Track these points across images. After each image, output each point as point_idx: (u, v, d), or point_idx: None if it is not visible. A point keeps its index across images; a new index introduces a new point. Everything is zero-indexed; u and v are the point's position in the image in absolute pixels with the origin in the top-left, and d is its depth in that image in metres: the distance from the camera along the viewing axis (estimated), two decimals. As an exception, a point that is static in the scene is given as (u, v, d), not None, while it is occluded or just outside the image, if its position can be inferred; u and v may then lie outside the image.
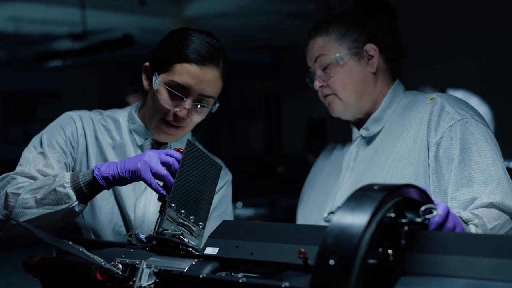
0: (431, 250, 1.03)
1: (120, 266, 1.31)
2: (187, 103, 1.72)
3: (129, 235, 1.49)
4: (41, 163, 1.69)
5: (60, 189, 1.55)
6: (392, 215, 0.99)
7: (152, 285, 1.28)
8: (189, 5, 7.95)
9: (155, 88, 1.73)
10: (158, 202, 1.53)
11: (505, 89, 3.68)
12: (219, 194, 1.86)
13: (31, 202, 1.57)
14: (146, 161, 1.52)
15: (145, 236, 1.46)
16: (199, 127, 1.84)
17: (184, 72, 1.70)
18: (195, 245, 1.43)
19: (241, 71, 10.72)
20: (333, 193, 1.79)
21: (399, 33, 1.83)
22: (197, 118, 1.75)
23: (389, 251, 0.98)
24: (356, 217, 0.95)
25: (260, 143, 13.31)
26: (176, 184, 1.49)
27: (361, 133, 1.81)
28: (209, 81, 1.72)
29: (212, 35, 1.76)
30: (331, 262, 0.90)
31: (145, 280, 1.28)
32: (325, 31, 1.78)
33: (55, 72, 10.75)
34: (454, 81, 3.82)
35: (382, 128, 1.78)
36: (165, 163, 1.54)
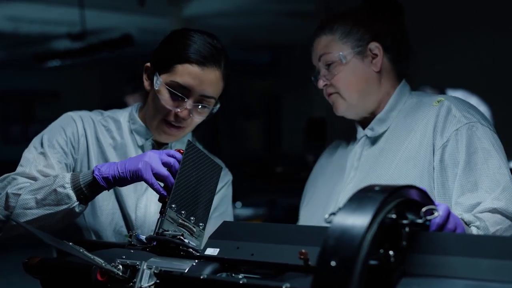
0: (432, 251, 1.03)
1: (120, 267, 1.32)
2: (188, 104, 1.72)
3: (130, 236, 1.49)
4: (41, 163, 1.69)
5: (60, 189, 1.55)
6: (393, 216, 0.99)
7: (152, 286, 1.28)
8: (188, 5, 7.95)
9: (156, 88, 1.73)
10: (159, 202, 1.53)
11: (505, 89, 3.68)
12: (220, 194, 1.86)
13: (32, 202, 1.57)
14: (147, 162, 1.52)
15: (145, 237, 1.46)
16: (198, 127, 1.83)
17: (185, 72, 1.70)
18: (196, 246, 1.43)
19: (240, 71, 10.71)
20: (336, 193, 1.77)
21: (405, 32, 1.81)
22: (198, 118, 1.75)
23: (390, 252, 0.98)
24: (357, 218, 0.95)
25: (259, 142, 13.30)
26: (176, 185, 1.49)
27: (366, 132, 1.79)
28: (210, 81, 1.72)
29: (213, 36, 1.76)
30: (333, 263, 0.90)
31: (145, 281, 1.29)
32: (329, 29, 1.76)
33: (54, 72, 10.74)
34: (453, 81, 3.82)
35: (387, 128, 1.76)
36: (166, 164, 1.54)
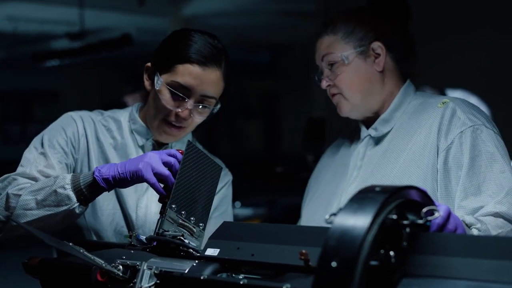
0: (432, 251, 1.03)
1: (120, 267, 1.31)
2: (189, 104, 1.72)
3: (130, 236, 1.49)
4: (42, 163, 1.69)
5: (60, 190, 1.55)
6: (394, 217, 0.99)
7: (153, 287, 1.28)
8: (188, 5, 7.95)
9: (157, 88, 1.73)
10: (159, 203, 1.53)
11: (504, 89, 3.68)
12: (220, 194, 1.86)
13: (32, 203, 1.57)
14: (147, 162, 1.52)
15: (145, 237, 1.46)
16: (198, 128, 1.83)
17: (186, 72, 1.70)
18: (196, 246, 1.43)
19: (240, 71, 10.71)
20: (339, 192, 1.76)
21: (409, 32, 1.79)
22: (198, 118, 1.76)
23: (391, 253, 0.98)
24: (358, 219, 0.95)
25: (259, 142, 13.30)
26: (176, 185, 1.49)
27: (369, 132, 1.77)
28: (211, 82, 1.72)
29: (214, 36, 1.76)
30: (334, 264, 0.90)
31: (146, 281, 1.28)
32: (332, 29, 1.75)
33: (53, 71, 10.73)
34: (453, 81, 3.82)
35: (391, 129, 1.74)
36: (167, 163, 1.54)
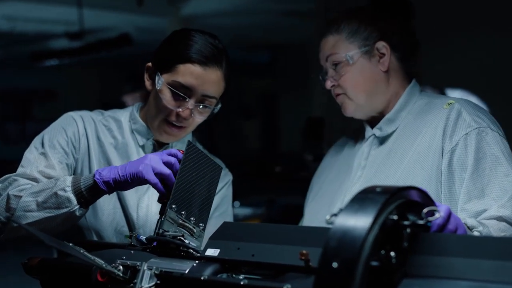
0: (433, 252, 1.03)
1: (121, 267, 1.32)
2: (190, 104, 1.72)
3: (130, 237, 1.49)
4: (42, 164, 1.69)
5: (61, 192, 1.55)
6: (394, 217, 0.99)
7: (153, 287, 1.28)
8: (186, 5, 7.94)
9: (158, 88, 1.73)
10: (158, 203, 1.53)
11: (504, 88, 3.69)
12: (220, 194, 1.86)
13: (33, 205, 1.56)
14: (147, 164, 1.52)
15: (145, 237, 1.46)
16: (197, 127, 1.83)
17: (187, 72, 1.70)
18: (196, 246, 1.43)
19: (238, 70, 10.70)
20: (342, 191, 1.76)
21: (413, 31, 1.79)
22: (199, 118, 1.76)
23: (392, 254, 0.98)
24: (359, 219, 0.95)
25: (257, 142, 13.29)
26: (176, 185, 1.49)
27: (374, 132, 1.77)
28: (212, 81, 1.72)
29: (215, 36, 1.76)
30: (335, 264, 0.90)
31: (146, 282, 1.28)
32: (336, 29, 1.75)
33: (52, 71, 10.72)
34: (453, 81, 3.82)
35: (396, 129, 1.74)
36: (168, 163, 1.54)
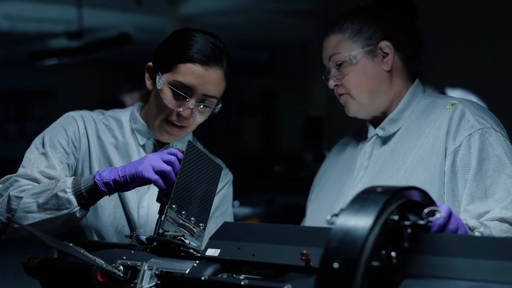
0: (434, 252, 1.03)
1: (121, 268, 1.32)
2: (191, 103, 1.72)
3: (130, 237, 1.49)
4: (43, 164, 1.69)
5: (61, 194, 1.55)
6: (395, 217, 0.99)
7: (153, 287, 1.28)
8: (186, 4, 7.94)
9: (158, 87, 1.73)
10: (157, 202, 1.53)
11: (504, 88, 3.69)
12: (220, 194, 1.86)
13: (33, 206, 1.56)
14: (147, 163, 1.52)
15: (146, 237, 1.46)
16: (197, 127, 1.83)
17: (188, 72, 1.70)
18: (196, 246, 1.43)
19: (238, 69, 10.68)
20: (344, 191, 1.75)
21: (417, 30, 1.77)
22: (200, 118, 1.75)
23: (393, 254, 0.98)
24: (360, 219, 0.95)
25: (256, 141, 13.29)
26: (176, 185, 1.49)
27: (377, 132, 1.76)
28: (213, 81, 1.72)
29: (215, 36, 1.76)
30: (335, 265, 0.90)
31: (146, 282, 1.28)
32: (338, 28, 1.73)
33: (51, 70, 10.72)
34: (453, 81, 3.82)
35: (399, 129, 1.73)
36: (167, 162, 1.54)
